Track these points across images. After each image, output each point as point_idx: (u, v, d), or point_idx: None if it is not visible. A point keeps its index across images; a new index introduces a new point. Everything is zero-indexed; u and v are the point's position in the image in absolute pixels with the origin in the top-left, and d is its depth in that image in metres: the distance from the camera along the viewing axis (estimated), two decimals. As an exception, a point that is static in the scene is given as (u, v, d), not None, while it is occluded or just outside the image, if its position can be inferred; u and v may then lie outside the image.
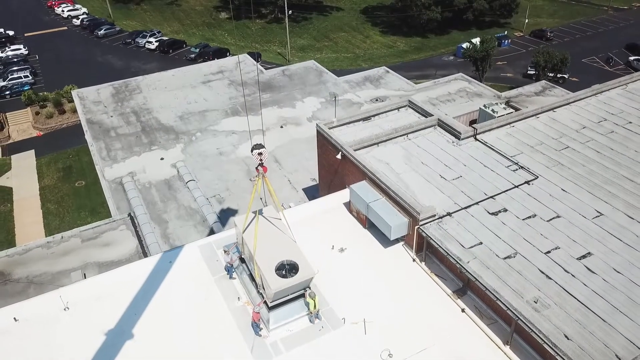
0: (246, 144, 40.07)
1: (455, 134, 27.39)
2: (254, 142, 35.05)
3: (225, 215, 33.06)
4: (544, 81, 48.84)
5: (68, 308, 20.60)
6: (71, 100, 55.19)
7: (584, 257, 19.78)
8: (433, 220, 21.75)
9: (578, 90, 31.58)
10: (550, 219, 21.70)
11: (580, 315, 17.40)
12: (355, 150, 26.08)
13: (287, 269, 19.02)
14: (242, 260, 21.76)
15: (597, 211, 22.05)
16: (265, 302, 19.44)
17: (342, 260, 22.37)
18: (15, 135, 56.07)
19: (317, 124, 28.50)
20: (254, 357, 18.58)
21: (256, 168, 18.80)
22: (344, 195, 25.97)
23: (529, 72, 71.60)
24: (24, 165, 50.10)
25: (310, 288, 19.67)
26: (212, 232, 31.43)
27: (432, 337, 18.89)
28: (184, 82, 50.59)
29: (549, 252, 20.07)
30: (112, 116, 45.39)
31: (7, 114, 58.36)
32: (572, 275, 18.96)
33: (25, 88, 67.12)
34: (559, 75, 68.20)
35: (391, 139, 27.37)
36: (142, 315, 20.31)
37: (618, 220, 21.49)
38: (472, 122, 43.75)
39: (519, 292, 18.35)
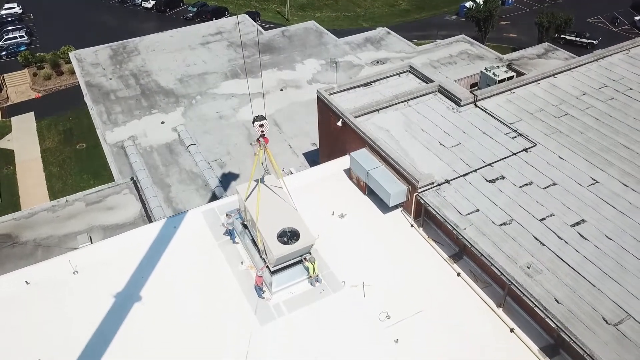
0: (246, 107, 40.10)
1: (456, 101, 27.48)
2: (254, 105, 35.37)
3: (227, 180, 33.50)
4: (546, 43, 48.28)
5: (77, 272, 21.30)
6: (68, 61, 54.65)
7: (577, 224, 20.34)
8: (431, 188, 22.19)
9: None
10: (546, 187, 22.15)
11: (570, 280, 18.09)
12: (355, 117, 26.25)
13: (289, 235, 19.59)
14: (244, 226, 22.33)
15: (593, 179, 22.48)
16: (267, 267, 20.11)
17: (342, 226, 22.95)
18: (13, 97, 55.81)
19: (317, 91, 28.54)
20: (258, 318, 19.39)
21: (257, 139, 19.06)
22: (344, 161, 26.31)
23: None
24: (25, 127, 50.14)
25: (310, 254, 20.30)
26: (214, 196, 31.97)
27: (428, 300, 19.66)
28: (183, 43, 49.99)
29: (543, 219, 20.61)
30: (110, 79, 45.14)
31: (4, 75, 57.87)
32: (565, 242, 19.57)
33: (22, 49, 66.21)
34: (585, 41, 66.44)
35: (391, 105, 27.47)
36: (148, 279, 21.02)
37: (613, 187, 21.94)
38: (473, 85, 43.66)
39: (512, 258, 19.00)
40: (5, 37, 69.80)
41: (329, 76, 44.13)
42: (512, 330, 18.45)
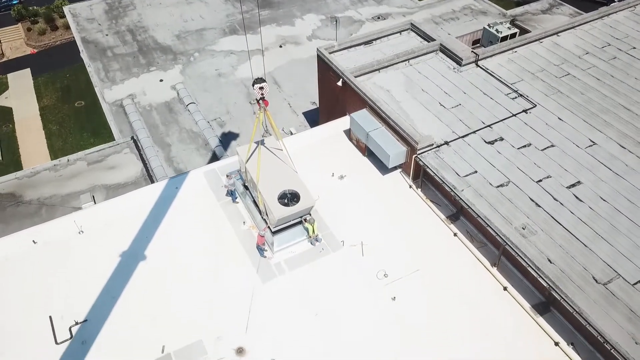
0: (245, 64, 39.65)
1: (457, 60, 27.25)
2: (253, 63, 34.96)
3: (227, 139, 33.59)
4: (552, -2, 47.15)
5: (82, 232, 21.78)
6: (63, 16, 53.40)
7: (573, 185, 20.68)
8: (431, 149, 22.38)
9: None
10: (545, 148, 22.35)
11: (564, 241, 18.60)
12: (356, 77, 26.10)
13: (289, 197, 19.95)
14: (245, 187, 22.66)
15: (591, 140, 22.64)
16: (269, 227, 20.57)
17: (342, 187, 23.28)
18: (8, 52, 54.83)
19: (317, 49, 28.22)
20: (260, 276, 20.01)
21: (257, 102, 19.06)
22: (344, 122, 26.36)
23: None
24: (22, 84, 49.54)
25: (310, 215, 20.71)
26: (214, 155, 32.16)
27: (425, 259, 20.24)
28: (179, -3, 48.77)
29: (540, 180, 20.93)
30: (107, 35, 44.36)
31: (-2, 30, 56.64)
32: (561, 204, 19.97)
33: (14, 2, 64.47)
34: None
35: (392, 64, 27.25)
36: (152, 239, 21.53)
37: (610, 149, 22.15)
38: (476, 42, 42.98)
39: (508, 219, 19.44)
40: (-3, -11, 67.82)
41: (328, 32, 43.39)
42: (505, 288, 19.11)
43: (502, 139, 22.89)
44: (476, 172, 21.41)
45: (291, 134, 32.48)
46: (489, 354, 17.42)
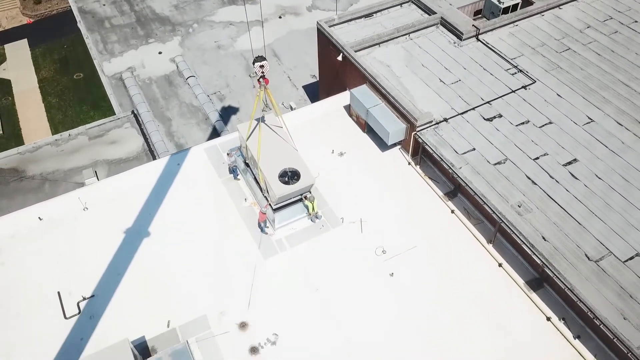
0: (244, 36, 39.29)
1: (458, 34, 27.10)
2: (253, 34, 34.69)
3: (227, 113, 33.66)
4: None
5: (87, 208, 22.19)
6: (58, -16, 52.68)
7: (569, 163, 20.96)
8: (430, 126, 22.56)
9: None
10: (542, 125, 22.52)
11: (558, 219, 19.02)
12: (356, 51, 26.00)
13: (290, 175, 20.27)
14: (246, 164, 22.94)
15: (589, 117, 22.79)
16: (270, 205, 20.96)
17: (342, 164, 23.57)
18: (4, 22, 54.18)
19: (317, 22, 27.99)
20: (261, 252, 20.53)
21: (258, 80, 19.13)
22: (344, 97, 26.42)
23: None
24: (19, 55, 49.20)
25: (310, 192, 21.07)
26: (214, 130, 32.32)
27: (423, 236, 20.72)
28: (176, -35, 47.78)
29: (537, 158, 21.20)
30: (104, 5, 43.74)
31: (-8, -1, 55.84)
32: (556, 181, 20.30)
33: (8, -32, 63.10)
34: None
35: (393, 39, 27.10)
36: (155, 215, 21.96)
37: (607, 126, 22.32)
38: (477, 13, 42.31)
39: (504, 197, 19.82)
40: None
41: (328, 3, 42.81)
42: (500, 265, 19.64)
43: (500, 116, 23.03)
44: (474, 149, 21.65)
45: (291, 108, 32.55)
46: (482, 328, 18.09)
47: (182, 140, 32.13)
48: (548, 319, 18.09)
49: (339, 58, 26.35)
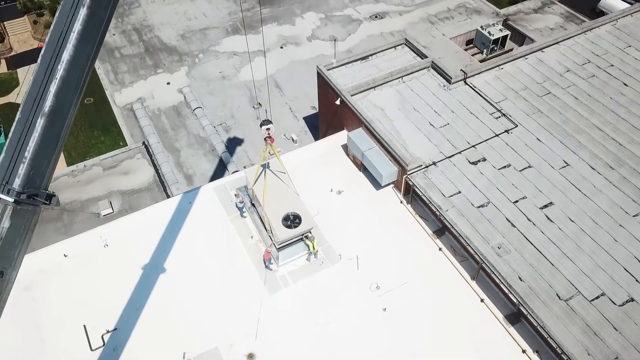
0: (248, 66, 41.43)
1: (447, 78, 29.26)
2: (255, 65, 36.80)
3: (233, 144, 35.82)
4: (544, -5, 48.43)
5: (107, 245, 24.36)
6: (68, 9, 54.78)
7: (546, 206, 23.14)
8: (419, 170, 24.73)
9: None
10: (522, 169, 24.70)
11: (534, 260, 21.20)
12: (352, 95, 28.18)
13: (292, 219, 22.45)
14: (252, 204, 25.12)
15: (565, 161, 24.97)
16: (274, 244, 23.13)
17: (340, 202, 25.75)
18: (16, 46, 56.26)
19: (317, 67, 30.16)
20: (267, 287, 22.72)
21: (264, 139, 21.33)
22: (342, 136, 28.62)
23: None
24: (31, 79, 51.38)
25: (310, 233, 23.25)
26: (221, 161, 34.49)
27: (413, 272, 22.90)
28: (182, -6, 50.04)
29: (516, 201, 23.38)
30: (114, 34, 45.94)
31: (4, 23, 57.85)
32: (533, 224, 22.48)
33: (17, -10, 65.22)
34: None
35: (387, 82, 29.28)
36: (170, 251, 24.12)
37: (581, 170, 24.51)
38: (469, 42, 44.61)
39: (486, 239, 22.00)
40: (-1, -23, 68.42)
41: (328, 31, 45.04)
42: (482, 300, 21.80)
43: (484, 160, 25.20)
44: (460, 192, 23.83)
45: (293, 140, 34.70)
46: (467, 359, 20.25)
47: (190, 171, 34.31)
48: (523, 351, 20.26)
49: (337, 102, 28.52)
